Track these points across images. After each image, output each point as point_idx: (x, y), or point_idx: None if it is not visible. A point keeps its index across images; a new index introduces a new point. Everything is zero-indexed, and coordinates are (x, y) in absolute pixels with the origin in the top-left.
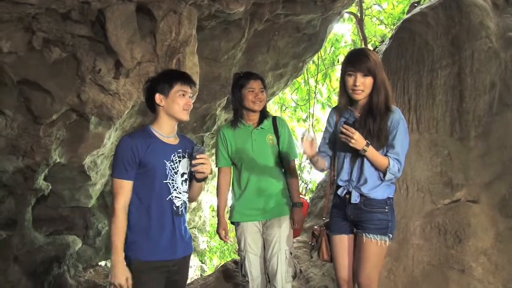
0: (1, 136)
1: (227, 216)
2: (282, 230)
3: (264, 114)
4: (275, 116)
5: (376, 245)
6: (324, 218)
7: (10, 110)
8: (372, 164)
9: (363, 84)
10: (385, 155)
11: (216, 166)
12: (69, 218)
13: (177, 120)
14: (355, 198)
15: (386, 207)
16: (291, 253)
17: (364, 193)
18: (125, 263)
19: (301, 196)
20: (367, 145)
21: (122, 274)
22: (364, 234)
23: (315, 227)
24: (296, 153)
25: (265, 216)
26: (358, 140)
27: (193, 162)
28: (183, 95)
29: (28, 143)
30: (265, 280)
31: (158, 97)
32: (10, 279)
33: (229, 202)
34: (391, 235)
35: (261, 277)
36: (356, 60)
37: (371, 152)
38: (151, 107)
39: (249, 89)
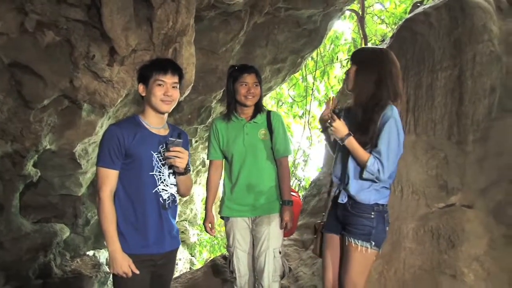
0: None
1: (216, 210)
2: (271, 228)
3: (258, 108)
4: (270, 111)
5: (357, 250)
6: (323, 214)
7: (1, 93)
8: (357, 163)
9: (349, 72)
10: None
11: (207, 159)
12: (58, 206)
13: (157, 111)
14: (342, 198)
15: (372, 213)
16: (280, 252)
17: (351, 194)
18: (122, 250)
19: (294, 194)
20: (348, 135)
21: (124, 262)
22: (347, 237)
23: (318, 221)
24: (289, 150)
25: (254, 213)
26: (337, 127)
27: (166, 154)
28: (161, 85)
29: (18, 127)
30: (254, 277)
31: (140, 88)
32: None
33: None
34: (373, 243)
35: (249, 274)
36: None
37: (350, 142)
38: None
39: (242, 83)
